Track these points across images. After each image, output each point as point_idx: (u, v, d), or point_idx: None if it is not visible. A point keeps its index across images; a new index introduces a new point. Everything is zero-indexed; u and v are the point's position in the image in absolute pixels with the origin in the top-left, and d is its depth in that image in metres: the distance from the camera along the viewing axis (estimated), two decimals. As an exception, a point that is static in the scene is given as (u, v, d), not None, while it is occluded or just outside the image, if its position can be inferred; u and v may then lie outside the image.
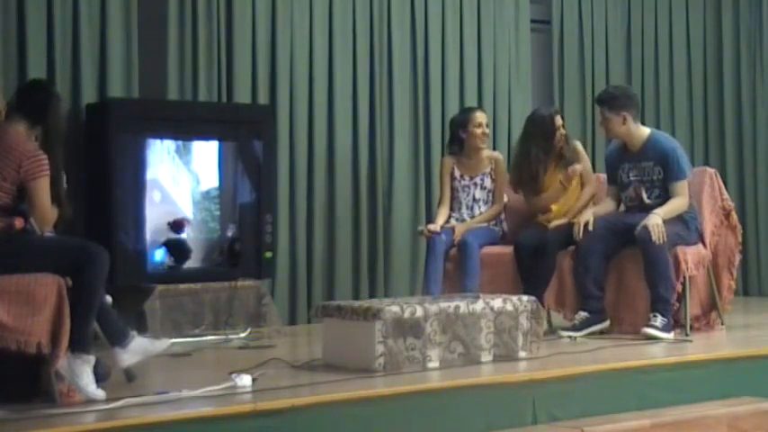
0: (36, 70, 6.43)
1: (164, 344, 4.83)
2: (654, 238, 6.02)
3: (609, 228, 6.24)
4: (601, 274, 6.27)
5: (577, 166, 6.65)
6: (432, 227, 6.75)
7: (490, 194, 6.95)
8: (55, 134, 4.55)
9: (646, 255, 6.06)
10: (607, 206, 6.45)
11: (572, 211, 6.61)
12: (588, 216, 6.32)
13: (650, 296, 6.09)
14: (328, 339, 5.29)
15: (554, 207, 6.65)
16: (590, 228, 6.25)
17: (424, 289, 6.64)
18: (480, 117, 6.96)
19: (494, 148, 7.87)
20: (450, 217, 6.95)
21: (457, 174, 6.97)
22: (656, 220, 6.07)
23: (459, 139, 6.97)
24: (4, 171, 4.36)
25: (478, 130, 6.91)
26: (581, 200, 6.67)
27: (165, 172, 6.89)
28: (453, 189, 6.99)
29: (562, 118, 6.75)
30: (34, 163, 4.39)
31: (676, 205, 6.21)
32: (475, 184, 6.95)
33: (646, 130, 6.42)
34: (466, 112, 7.09)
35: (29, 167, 4.38)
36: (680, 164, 6.25)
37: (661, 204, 6.21)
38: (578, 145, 6.79)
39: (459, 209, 6.96)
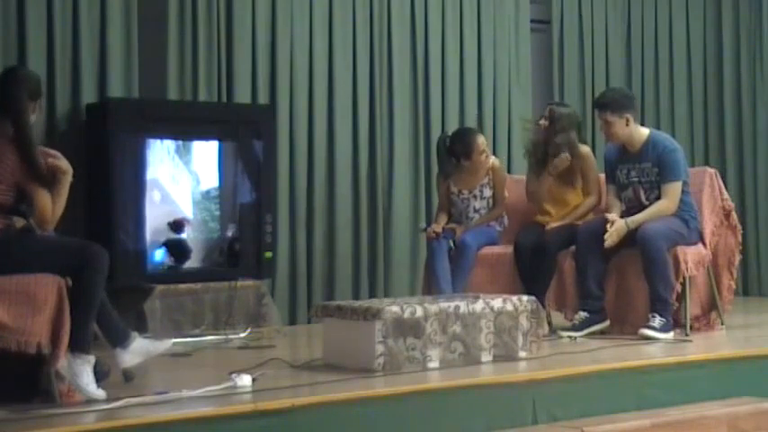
0: (36, 70, 6.38)
1: (165, 344, 4.83)
2: (606, 240, 6.10)
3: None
4: (601, 273, 6.27)
5: (564, 156, 6.58)
6: (435, 227, 6.73)
7: (490, 201, 6.92)
8: (21, 125, 4.37)
9: (645, 254, 6.05)
10: (618, 208, 6.42)
11: (571, 217, 6.60)
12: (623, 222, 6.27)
13: (649, 295, 6.09)
14: (328, 339, 5.29)
15: (552, 210, 6.67)
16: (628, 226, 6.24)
17: (434, 288, 6.56)
18: (483, 143, 6.79)
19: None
20: (449, 221, 6.94)
21: (455, 190, 6.91)
22: (617, 227, 6.11)
23: (457, 163, 6.81)
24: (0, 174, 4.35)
25: (482, 156, 6.79)
26: (582, 207, 6.65)
27: (165, 172, 6.90)
28: (452, 203, 6.95)
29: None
30: None
31: (655, 211, 6.17)
32: (474, 197, 6.90)
33: (645, 131, 6.40)
34: (467, 139, 6.78)
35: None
36: (674, 165, 6.22)
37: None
38: (586, 152, 6.71)
39: (459, 218, 6.94)
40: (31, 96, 4.49)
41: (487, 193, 6.90)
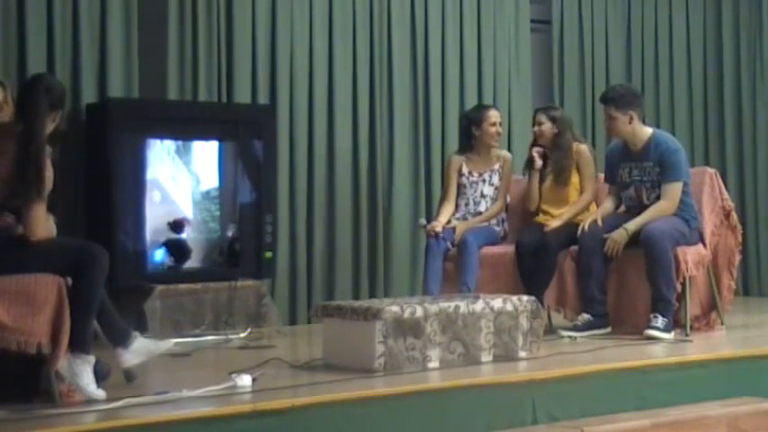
0: (36, 70, 6.39)
1: (167, 344, 4.83)
2: (606, 248, 6.13)
3: (609, 230, 6.22)
4: (603, 276, 6.26)
5: (536, 150, 6.77)
6: (435, 225, 6.73)
7: (497, 191, 6.94)
8: (32, 125, 4.36)
9: (650, 254, 6.04)
10: (608, 207, 6.44)
11: (568, 214, 6.59)
12: (594, 217, 6.34)
13: (651, 295, 6.08)
14: (328, 339, 5.29)
15: (551, 210, 6.68)
16: (599, 223, 6.26)
17: (423, 289, 6.63)
18: (495, 116, 6.95)
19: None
20: (453, 215, 6.93)
21: (465, 171, 6.95)
22: (618, 237, 6.12)
23: (470, 136, 6.95)
24: (2, 171, 4.34)
25: (492, 129, 6.91)
26: (578, 204, 6.65)
27: (165, 172, 6.90)
28: (460, 185, 6.96)
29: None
30: None
31: (654, 213, 6.17)
32: (483, 181, 6.93)
33: (648, 130, 6.39)
34: (481, 110, 7.04)
35: None
36: (676, 165, 6.21)
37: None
38: (583, 149, 6.73)
39: (466, 204, 6.95)
40: (52, 105, 4.47)
41: (496, 180, 6.92)
